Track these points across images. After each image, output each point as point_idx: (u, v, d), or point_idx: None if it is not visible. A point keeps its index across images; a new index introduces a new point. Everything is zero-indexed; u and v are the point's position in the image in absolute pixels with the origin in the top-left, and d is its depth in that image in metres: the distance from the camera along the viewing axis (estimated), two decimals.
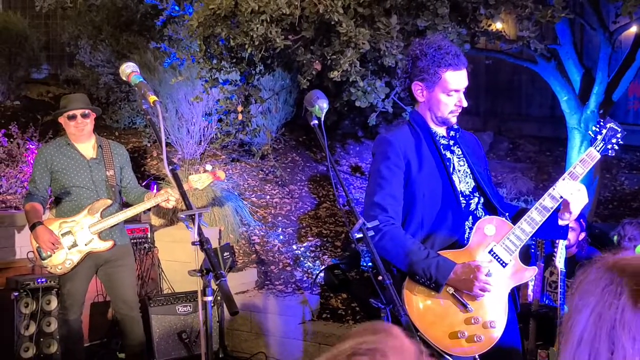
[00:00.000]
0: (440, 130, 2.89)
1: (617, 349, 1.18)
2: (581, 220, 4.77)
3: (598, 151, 2.79)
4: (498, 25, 5.57)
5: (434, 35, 2.85)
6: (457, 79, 2.75)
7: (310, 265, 6.47)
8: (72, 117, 4.51)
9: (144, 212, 4.83)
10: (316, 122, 2.62)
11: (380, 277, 2.40)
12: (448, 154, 2.85)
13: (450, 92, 2.76)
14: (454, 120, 2.84)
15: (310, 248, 6.72)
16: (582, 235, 4.74)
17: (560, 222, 2.81)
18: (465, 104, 2.80)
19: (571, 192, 2.68)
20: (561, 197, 2.70)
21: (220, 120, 6.36)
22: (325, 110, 2.62)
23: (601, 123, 2.84)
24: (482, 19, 5.05)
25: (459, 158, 2.87)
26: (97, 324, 5.61)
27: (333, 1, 4.51)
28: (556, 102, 7.32)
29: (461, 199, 2.80)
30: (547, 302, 4.71)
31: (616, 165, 8.82)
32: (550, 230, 2.79)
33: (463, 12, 5.01)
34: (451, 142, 2.89)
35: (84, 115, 4.52)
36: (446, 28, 4.80)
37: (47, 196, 4.58)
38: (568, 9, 5.03)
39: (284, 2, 4.62)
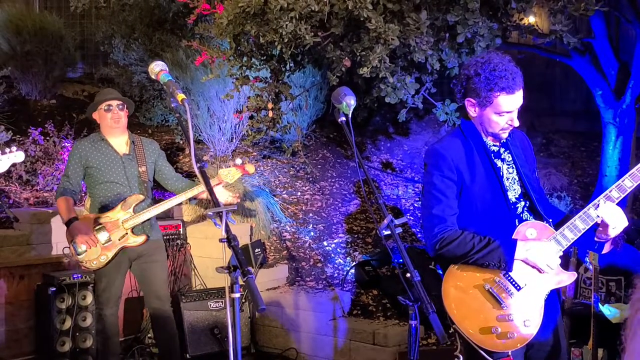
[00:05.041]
0: (491, 137, 2.90)
1: None
2: None
3: None
4: (530, 19, 5.50)
5: (491, 53, 2.83)
6: (509, 102, 2.72)
7: (341, 261, 6.47)
8: (108, 109, 4.59)
9: (175, 207, 4.88)
10: (344, 119, 2.66)
11: (408, 275, 2.43)
12: (498, 163, 2.86)
13: (502, 113, 2.75)
14: (504, 135, 2.84)
15: (341, 244, 6.72)
16: None
17: (596, 239, 2.83)
18: (516, 123, 2.78)
19: (612, 214, 2.69)
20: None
21: (251, 117, 6.39)
22: (352, 107, 2.64)
23: None
24: (514, 13, 4.98)
25: (509, 165, 2.88)
26: (131, 319, 5.71)
27: None
28: (590, 97, 7.18)
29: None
30: (581, 299, 4.63)
31: None
32: (585, 241, 2.83)
33: (494, 6, 4.95)
34: (502, 150, 2.90)
35: (120, 107, 4.61)
36: (477, 23, 4.75)
37: (79, 191, 4.65)
38: (602, 2, 4.94)
39: None
